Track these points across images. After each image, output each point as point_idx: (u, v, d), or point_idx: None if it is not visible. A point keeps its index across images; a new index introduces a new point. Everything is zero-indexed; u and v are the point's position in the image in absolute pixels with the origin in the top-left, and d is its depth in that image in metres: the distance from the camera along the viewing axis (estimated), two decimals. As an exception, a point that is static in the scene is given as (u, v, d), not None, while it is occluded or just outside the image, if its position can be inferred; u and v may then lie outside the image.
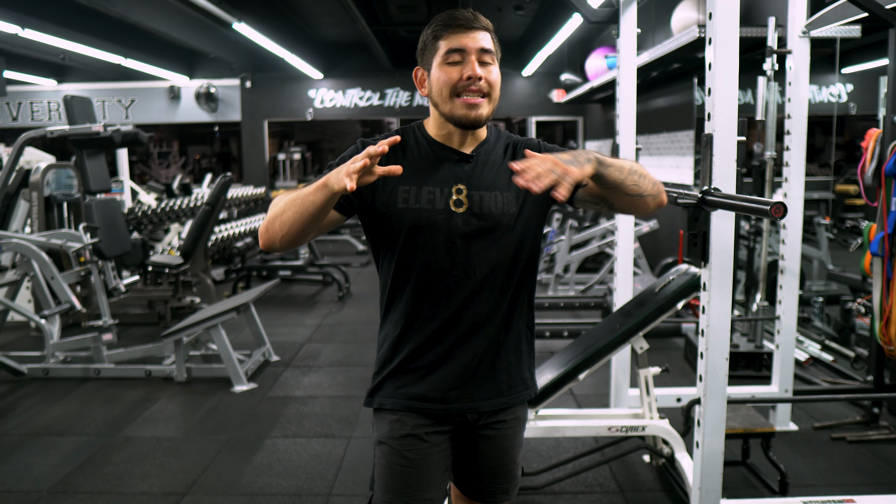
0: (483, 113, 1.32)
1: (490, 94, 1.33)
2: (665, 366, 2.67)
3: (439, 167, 1.35)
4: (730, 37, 1.80)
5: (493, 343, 1.37)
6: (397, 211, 1.32)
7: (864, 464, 2.86)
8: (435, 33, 1.33)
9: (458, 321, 1.34)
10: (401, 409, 1.36)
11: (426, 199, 1.32)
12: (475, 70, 1.29)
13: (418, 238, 1.32)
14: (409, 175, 1.33)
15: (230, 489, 2.73)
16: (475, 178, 1.35)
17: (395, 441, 1.36)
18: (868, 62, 7.42)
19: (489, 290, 1.35)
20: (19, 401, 3.75)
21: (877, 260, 2.64)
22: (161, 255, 5.81)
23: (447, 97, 1.31)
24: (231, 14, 6.43)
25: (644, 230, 5.73)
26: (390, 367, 1.38)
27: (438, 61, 1.32)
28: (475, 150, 1.38)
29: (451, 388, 1.36)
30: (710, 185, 1.83)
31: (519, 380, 1.42)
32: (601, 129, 9.05)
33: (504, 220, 1.34)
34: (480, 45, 1.31)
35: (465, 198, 1.34)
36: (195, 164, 14.44)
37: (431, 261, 1.33)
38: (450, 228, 1.32)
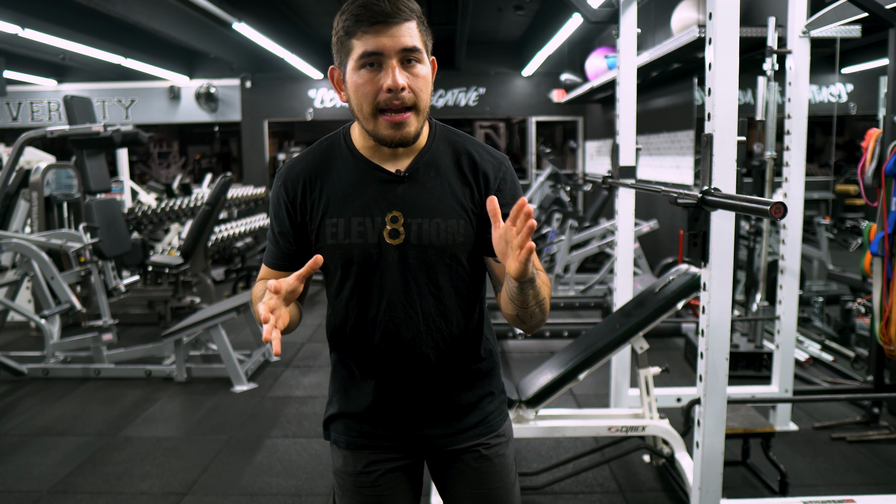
0: (411, 130, 1.12)
1: (417, 104, 1.11)
2: (665, 366, 2.67)
3: (368, 190, 1.16)
4: (730, 37, 1.80)
5: (444, 382, 1.24)
6: (327, 247, 1.16)
7: (864, 464, 2.86)
8: (346, 28, 1.10)
9: (403, 362, 1.21)
10: (355, 447, 1.26)
11: (356, 231, 1.15)
12: (396, 79, 1.07)
13: (353, 278, 1.18)
14: (335, 203, 1.16)
15: (230, 489, 2.73)
16: (412, 202, 1.16)
17: (349, 476, 1.28)
18: (868, 62, 7.41)
19: (435, 329, 1.20)
20: (19, 401, 3.75)
21: (877, 260, 2.64)
22: (161, 255, 5.81)
23: (368, 114, 1.11)
24: (231, 14, 6.43)
25: (644, 230, 5.73)
26: (339, 406, 1.28)
27: (352, 65, 1.10)
28: (411, 164, 1.18)
29: (403, 428, 1.25)
30: (710, 185, 1.83)
31: (480, 413, 1.28)
32: (601, 129, 9.05)
33: (448, 252, 1.17)
34: (402, 44, 1.08)
35: (402, 227, 1.15)
36: (195, 164, 14.44)
37: (369, 302, 1.19)
38: (385, 264, 1.16)
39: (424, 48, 1.13)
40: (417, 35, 1.11)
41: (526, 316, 1.13)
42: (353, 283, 1.19)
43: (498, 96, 10.13)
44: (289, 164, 1.23)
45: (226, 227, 6.87)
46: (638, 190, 3.00)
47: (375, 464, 1.26)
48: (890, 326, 2.58)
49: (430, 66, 1.15)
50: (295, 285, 1.03)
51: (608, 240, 5.92)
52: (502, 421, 1.33)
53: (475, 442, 1.28)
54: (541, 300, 1.12)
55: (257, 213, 8.41)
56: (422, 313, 1.19)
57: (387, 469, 1.27)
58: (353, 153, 1.19)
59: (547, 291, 1.15)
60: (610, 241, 5.88)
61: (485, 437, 1.29)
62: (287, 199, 1.20)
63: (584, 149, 10.13)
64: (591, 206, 7.58)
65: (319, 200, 1.18)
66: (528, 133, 10.44)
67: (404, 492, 1.30)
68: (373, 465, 1.27)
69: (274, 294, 1.00)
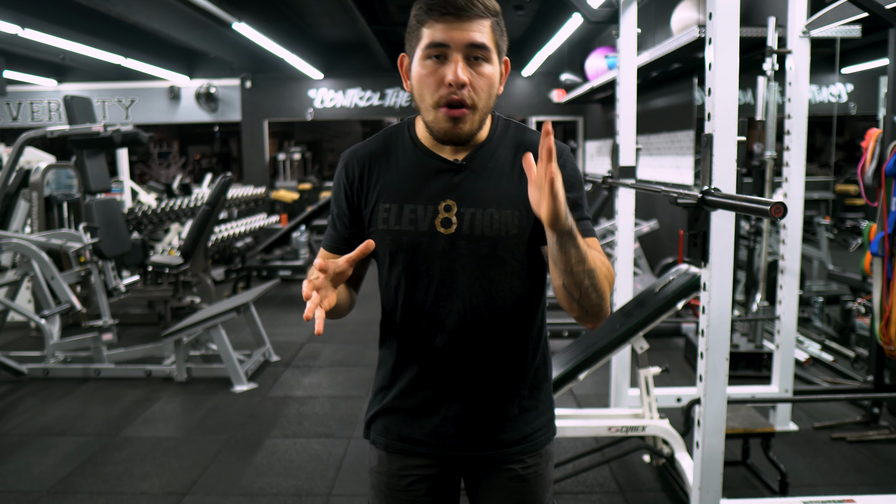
0: (466, 128, 1.10)
1: (476, 103, 1.09)
2: (665, 366, 2.67)
3: (425, 179, 1.15)
4: (730, 37, 1.80)
5: (490, 386, 1.19)
6: (378, 233, 1.15)
7: (864, 464, 2.86)
8: (418, 17, 1.09)
9: (447, 361, 1.17)
10: (393, 451, 1.24)
11: (408, 219, 1.13)
12: (457, 74, 1.06)
13: (400, 265, 1.15)
14: (390, 189, 1.16)
15: (230, 489, 2.73)
16: (467, 191, 1.14)
17: (383, 477, 1.26)
18: (868, 62, 7.41)
19: (483, 326, 1.15)
20: (19, 401, 3.75)
21: (877, 260, 2.64)
22: (161, 255, 5.81)
23: (429, 105, 1.10)
24: (231, 14, 6.43)
25: (644, 230, 5.73)
26: (382, 403, 1.25)
27: (419, 54, 1.09)
28: (469, 155, 1.16)
29: (444, 436, 1.20)
30: (710, 185, 1.83)
31: (524, 428, 1.22)
32: (601, 129, 9.05)
33: (501, 244, 1.13)
34: (470, 39, 1.06)
35: (455, 216, 1.13)
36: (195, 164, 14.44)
37: (415, 291, 1.16)
38: (434, 253, 1.13)
39: (495, 48, 1.10)
40: (489, 34, 1.09)
41: (575, 288, 1.03)
42: (400, 270, 1.16)
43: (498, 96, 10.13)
44: (352, 148, 1.23)
45: (226, 227, 6.88)
46: (638, 190, 3.00)
47: (410, 468, 1.23)
48: (890, 326, 2.58)
49: (498, 66, 1.13)
50: (343, 267, 1.03)
51: (608, 240, 5.92)
52: (547, 440, 1.26)
53: (514, 459, 1.22)
54: (590, 269, 1.02)
55: (257, 213, 8.42)
56: (469, 306, 1.15)
57: (422, 475, 1.24)
58: (414, 142, 1.18)
59: (600, 266, 1.05)
60: (610, 241, 5.88)
61: (525, 456, 1.23)
62: (346, 182, 1.20)
63: (584, 149, 10.13)
64: (592, 207, 7.58)
65: (376, 185, 1.18)
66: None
67: (439, 501, 1.27)
68: (407, 470, 1.24)
69: (321, 273, 1.01)
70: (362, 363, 4.37)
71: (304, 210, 8.66)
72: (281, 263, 6.88)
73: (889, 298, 2.58)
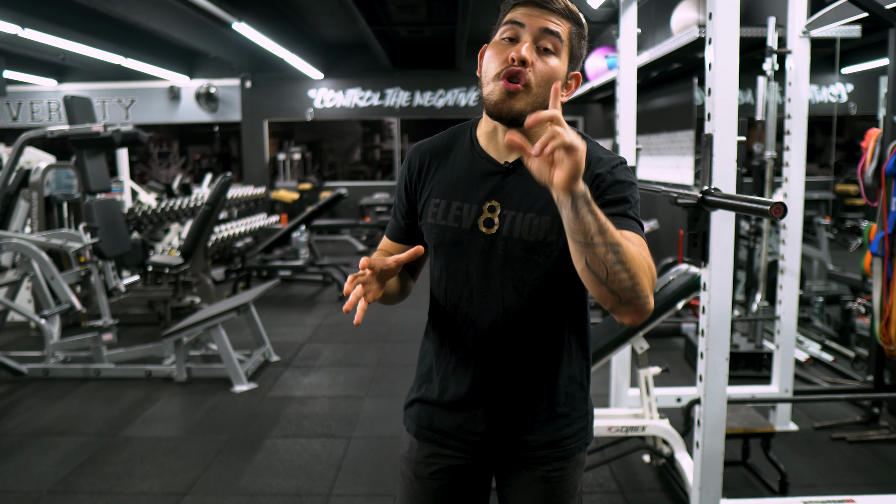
0: (517, 105, 1.08)
1: (530, 85, 1.08)
2: (665, 366, 2.67)
3: (475, 178, 1.18)
4: (730, 37, 1.80)
5: (520, 389, 1.20)
6: (427, 225, 1.21)
7: (864, 464, 2.86)
8: (504, 6, 1.13)
9: (479, 358, 1.19)
10: (423, 439, 1.27)
11: (453, 215, 1.17)
12: (521, 51, 1.07)
13: (442, 258, 1.20)
14: (443, 185, 1.20)
15: (230, 489, 2.73)
16: (511, 194, 1.15)
17: (411, 462, 1.28)
18: (868, 62, 7.42)
19: (515, 328, 1.17)
20: (19, 401, 3.75)
21: (877, 260, 2.64)
22: (161, 255, 5.81)
23: (490, 78, 1.11)
24: (231, 14, 6.43)
25: (644, 230, 5.72)
26: (419, 392, 1.29)
27: (496, 37, 1.12)
28: (520, 158, 1.13)
29: (472, 431, 1.22)
30: (710, 185, 1.83)
31: (553, 433, 1.22)
32: (601, 129, 9.05)
33: (538, 249, 1.13)
34: (543, 25, 1.09)
35: (497, 217, 1.15)
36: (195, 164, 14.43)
37: (454, 286, 1.20)
38: (474, 252, 1.16)
39: (567, 46, 1.12)
40: (565, 30, 1.11)
41: (600, 266, 0.94)
42: (442, 263, 1.21)
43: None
44: (419, 143, 1.29)
45: (226, 227, 6.88)
46: (638, 190, 3.00)
47: (436, 458, 1.26)
48: (890, 326, 2.58)
49: (566, 68, 1.13)
50: (391, 266, 1.09)
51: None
52: (578, 449, 1.25)
53: (540, 461, 1.22)
54: (614, 242, 0.94)
55: (257, 213, 8.42)
56: (503, 307, 1.17)
57: (447, 465, 1.25)
58: (472, 143, 1.22)
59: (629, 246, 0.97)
60: (610, 241, 5.87)
61: (555, 462, 1.23)
62: (408, 173, 1.26)
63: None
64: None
65: (432, 180, 1.23)
66: (528, 133, 10.44)
67: (463, 493, 1.28)
68: (433, 458, 1.26)
69: (368, 270, 1.06)
70: (362, 363, 4.37)
71: (304, 210, 8.66)
72: (281, 263, 6.88)
73: (889, 298, 2.58)
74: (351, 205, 10.52)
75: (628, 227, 1.08)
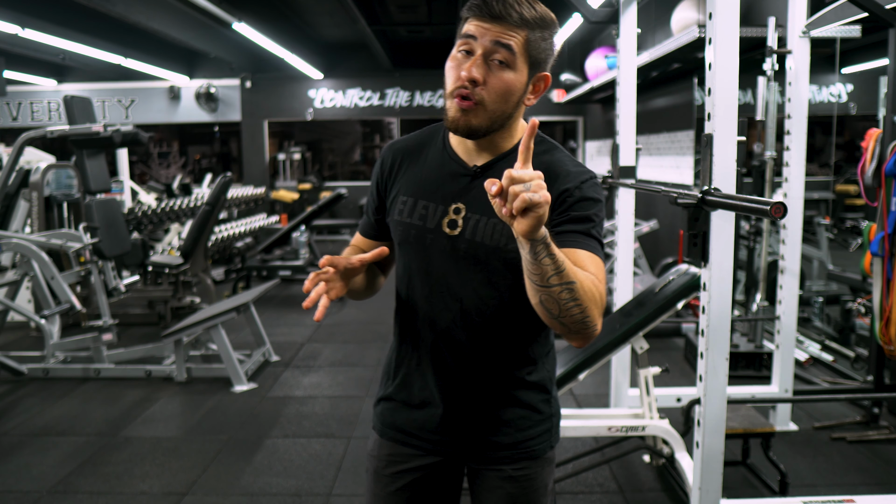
0: (472, 121, 1.10)
1: (483, 102, 1.09)
2: (665, 366, 2.67)
3: (443, 180, 1.19)
4: (730, 37, 1.80)
5: (479, 391, 1.20)
6: (393, 221, 1.22)
7: (864, 464, 2.86)
8: (463, 13, 1.12)
9: (437, 358, 1.20)
10: (387, 438, 1.28)
11: (419, 213, 1.18)
12: (470, 70, 1.07)
13: (406, 255, 1.21)
14: (412, 184, 1.21)
15: (230, 489, 2.73)
16: (477, 197, 1.15)
17: (373, 459, 1.30)
18: (868, 62, 7.42)
19: (473, 330, 1.17)
20: (19, 401, 3.75)
21: (877, 260, 2.64)
22: (161, 255, 5.81)
23: (448, 94, 1.12)
24: (231, 14, 6.43)
25: (644, 230, 5.73)
26: (384, 390, 1.30)
27: (453, 50, 1.12)
28: (488, 163, 1.17)
29: (433, 430, 1.23)
30: (710, 185, 1.83)
31: (516, 434, 1.22)
32: (601, 129, 9.05)
33: (498, 255, 1.14)
34: (494, 38, 1.07)
35: (461, 220, 1.15)
36: (195, 164, 14.44)
37: (415, 283, 1.21)
38: (435, 251, 1.17)
39: (524, 58, 1.10)
40: (519, 41, 1.08)
41: (553, 304, 0.97)
42: (405, 261, 1.22)
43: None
44: (394, 140, 1.30)
45: (226, 227, 6.87)
46: (638, 190, 3.01)
47: (400, 457, 1.26)
48: (890, 326, 2.58)
49: (525, 77, 1.11)
50: (354, 265, 1.10)
51: (608, 240, 5.92)
52: (543, 451, 1.25)
53: (505, 460, 1.22)
54: (568, 281, 0.96)
55: (257, 213, 8.41)
56: (461, 307, 1.17)
57: (411, 466, 1.26)
58: (444, 143, 1.23)
59: (583, 279, 0.99)
60: (610, 241, 5.88)
61: (521, 462, 1.23)
62: (381, 170, 1.28)
63: (584, 149, 10.13)
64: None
65: (402, 177, 1.24)
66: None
67: (425, 492, 1.27)
68: (397, 457, 1.27)
69: (330, 268, 1.08)
70: (362, 363, 4.37)
71: (304, 210, 8.66)
72: (281, 263, 6.88)
73: (889, 298, 2.58)
74: (351, 205, 10.52)
75: (588, 248, 1.09)
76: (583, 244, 1.09)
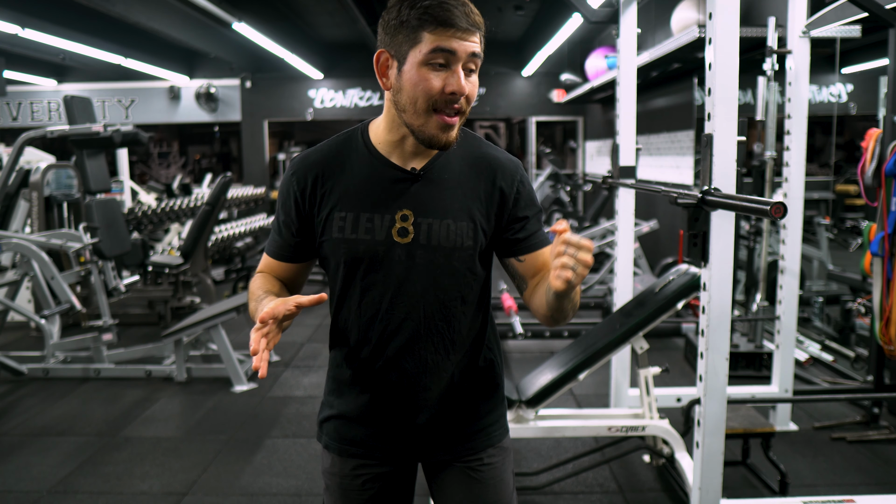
0: (454, 134, 1.12)
1: (465, 111, 1.12)
2: (665, 366, 2.67)
3: (381, 188, 1.15)
4: (730, 37, 1.80)
5: (441, 389, 1.22)
6: (332, 241, 1.16)
7: (864, 464, 2.86)
8: (420, 18, 1.06)
9: (400, 366, 1.19)
10: (345, 455, 1.26)
11: (364, 227, 1.14)
12: (461, 85, 1.08)
13: (355, 272, 1.17)
14: (346, 198, 1.15)
15: (230, 489, 2.73)
16: (424, 201, 1.15)
17: (335, 478, 1.27)
18: (868, 62, 7.41)
19: (436, 333, 1.19)
20: (19, 401, 3.75)
21: (877, 260, 2.64)
22: (161, 255, 5.81)
23: (422, 110, 1.09)
24: (231, 14, 6.42)
25: (644, 230, 5.73)
26: (333, 408, 1.28)
27: (419, 59, 1.07)
28: (427, 165, 1.17)
29: (394, 439, 1.24)
30: (710, 185, 1.83)
31: (478, 424, 1.26)
32: (601, 129, 9.05)
33: (456, 255, 1.16)
34: (472, 50, 1.08)
35: (411, 226, 1.14)
36: (195, 164, 14.44)
37: (371, 299, 1.17)
38: (391, 263, 1.15)
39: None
40: (482, 48, 1.12)
41: (560, 317, 1.15)
42: (356, 279, 1.17)
43: (498, 96, 10.13)
44: (303, 155, 1.22)
45: (226, 227, 6.87)
46: (638, 190, 3.00)
47: (363, 467, 1.26)
48: (890, 326, 2.58)
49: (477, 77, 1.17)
50: (292, 311, 1.03)
51: (608, 240, 5.92)
52: (503, 435, 1.30)
53: (467, 455, 1.25)
54: (575, 303, 1.13)
55: (257, 213, 8.41)
56: (423, 314, 1.18)
57: (375, 474, 1.26)
58: (369, 149, 1.18)
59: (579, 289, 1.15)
60: (610, 241, 5.88)
61: (481, 452, 1.26)
62: (297, 189, 1.19)
63: (584, 149, 10.13)
64: (591, 206, 7.58)
65: (330, 193, 1.17)
66: (528, 133, 10.45)
67: (393, 496, 1.29)
68: (360, 469, 1.26)
69: (270, 320, 1.00)
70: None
71: (304, 210, 8.64)
72: (281, 263, 6.87)
73: (889, 298, 2.58)
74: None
75: (548, 241, 1.22)
76: (545, 239, 1.22)
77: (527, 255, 1.21)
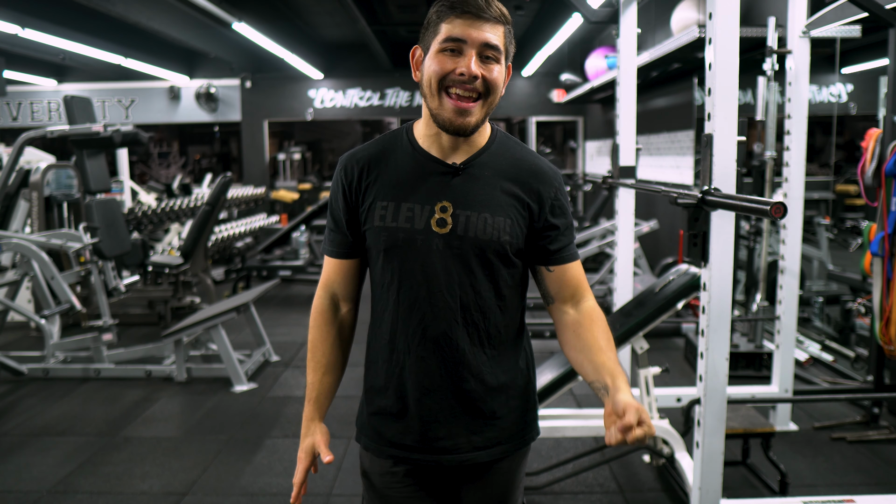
0: (472, 120, 1.15)
1: (485, 96, 1.15)
2: (665, 366, 2.67)
3: (423, 179, 1.19)
4: (730, 37, 1.80)
5: (480, 385, 1.22)
6: (374, 229, 1.20)
7: (864, 464, 2.86)
8: (439, 13, 1.15)
9: (437, 354, 1.20)
10: (385, 456, 1.27)
11: (404, 216, 1.17)
12: (471, 67, 1.11)
13: (394, 260, 1.19)
14: (389, 188, 1.20)
15: (230, 489, 2.73)
16: (463, 194, 1.18)
17: (377, 476, 1.28)
18: (868, 62, 7.42)
19: (471, 324, 1.20)
20: (19, 401, 3.75)
21: (877, 260, 2.64)
22: (161, 255, 5.81)
23: (435, 89, 1.14)
24: (231, 14, 6.42)
25: (644, 230, 5.73)
26: (373, 405, 1.29)
27: (435, 48, 1.14)
28: (468, 160, 1.20)
29: (434, 438, 1.23)
30: (710, 185, 1.83)
31: (515, 424, 1.27)
32: (601, 129, 9.05)
33: (491, 248, 1.18)
34: (485, 39, 1.12)
35: (450, 217, 1.17)
36: (195, 164, 14.44)
37: (408, 287, 1.19)
38: (429, 252, 1.17)
39: (504, 53, 1.17)
40: (501, 38, 1.15)
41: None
42: (394, 266, 1.20)
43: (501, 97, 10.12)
44: (351, 151, 1.27)
45: (226, 227, 6.88)
46: (638, 190, 3.01)
47: (401, 462, 1.27)
48: (890, 326, 2.58)
49: (505, 70, 1.19)
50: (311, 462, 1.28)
51: (608, 240, 5.92)
52: (534, 436, 1.33)
53: (498, 458, 1.26)
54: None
55: (257, 213, 8.42)
56: (460, 304, 1.19)
57: (415, 475, 1.27)
58: (412, 144, 1.23)
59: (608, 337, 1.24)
60: (610, 241, 5.88)
61: (509, 454, 1.28)
62: (345, 182, 1.24)
63: (584, 149, 10.13)
64: (591, 206, 7.58)
65: (374, 184, 1.21)
66: (528, 133, 10.44)
67: (431, 494, 1.29)
68: (399, 464, 1.27)
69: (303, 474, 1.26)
70: (362, 363, 4.35)
71: (304, 210, 8.66)
72: (281, 263, 6.87)
73: (889, 298, 2.58)
74: (351, 205, 10.49)
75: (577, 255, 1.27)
76: (573, 255, 1.25)
77: (556, 266, 1.24)
